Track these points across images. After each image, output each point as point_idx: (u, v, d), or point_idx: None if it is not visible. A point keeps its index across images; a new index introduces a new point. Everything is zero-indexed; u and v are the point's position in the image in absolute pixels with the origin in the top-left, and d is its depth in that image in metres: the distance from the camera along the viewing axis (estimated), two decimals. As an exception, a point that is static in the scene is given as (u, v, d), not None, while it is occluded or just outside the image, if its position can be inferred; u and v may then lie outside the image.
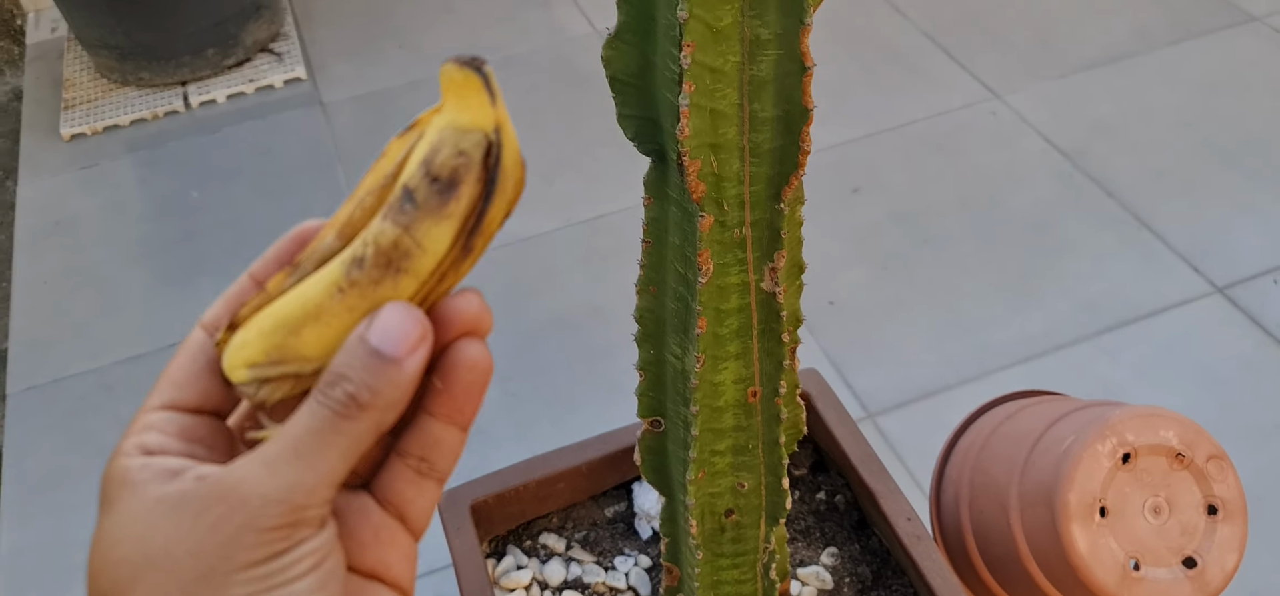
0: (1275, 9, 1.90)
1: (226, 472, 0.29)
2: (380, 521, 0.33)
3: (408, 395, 0.30)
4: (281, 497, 0.28)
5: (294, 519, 0.28)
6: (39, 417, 1.39)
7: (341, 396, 0.29)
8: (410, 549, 0.33)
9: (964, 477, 0.92)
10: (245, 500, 0.28)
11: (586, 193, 1.63)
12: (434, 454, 0.32)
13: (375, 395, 0.29)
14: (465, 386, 0.31)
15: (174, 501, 0.29)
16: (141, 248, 1.64)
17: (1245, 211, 1.52)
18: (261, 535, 0.28)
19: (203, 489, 0.28)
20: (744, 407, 0.66)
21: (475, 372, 0.32)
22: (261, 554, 0.28)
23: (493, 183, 0.30)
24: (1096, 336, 1.37)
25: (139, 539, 0.29)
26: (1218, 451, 0.82)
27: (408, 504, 0.33)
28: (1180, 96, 1.74)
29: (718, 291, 0.60)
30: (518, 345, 1.40)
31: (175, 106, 1.89)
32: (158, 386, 0.32)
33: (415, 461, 0.33)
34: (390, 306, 0.30)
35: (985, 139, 1.69)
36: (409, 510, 0.33)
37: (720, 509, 0.72)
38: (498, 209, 0.31)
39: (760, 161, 0.55)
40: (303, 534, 0.29)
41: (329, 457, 0.29)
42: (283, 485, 0.28)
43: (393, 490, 0.33)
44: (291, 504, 0.28)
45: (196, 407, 0.32)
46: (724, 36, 0.49)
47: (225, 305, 0.33)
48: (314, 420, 0.29)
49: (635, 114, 0.57)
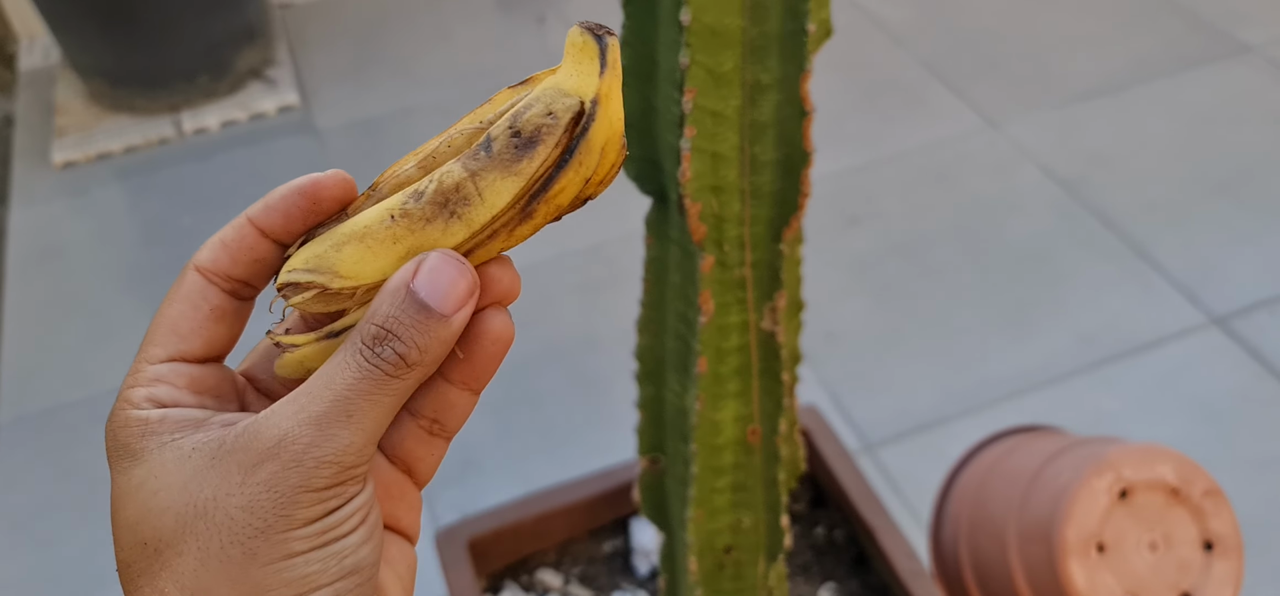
0: (1271, 39, 1.91)
1: (271, 426, 0.28)
2: (391, 477, 0.33)
3: (449, 351, 0.30)
4: (335, 458, 0.28)
5: (345, 477, 0.29)
6: (29, 447, 1.37)
7: (391, 356, 0.29)
8: (416, 500, 0.34)
9: (963, 514, 0.91)
10: (299, 460, 0.28)
11: (583, 220, 1.62)
12: (447, 416, 0.33)
13: (423, 353, 0.29)
14: (487, 357, 0.31)
15: (213, 452, 0.28)
16: (133, 275, 1.63)
17: (1242, 242, 1.52)
18: (317, 494, 0.28)
19: (248, 441, 0.28)
20: (744, 446, 0.66)
21: (499, 345, 0.31)
22: (317, 511, 0.28)
23: (571, 151, 0.29)
24: (1095, 368, 1.36)
25: (183, 487, 0.28)
26: (1213, 487, 0.82)
27: (417, 460, 0.33)
28: (1177, 127, 1.75)
29: (718, 331, 0.59)
30: (513, 375, 1.39)
31: (167, 133, 1.88)
32: (158, 336, 0.31)
33: (427, 422, 0.33)
34: (440, 254, 0.29)
35: (983, 169, 1.69)
36: (417, 466, 0.33)
37: (719, 546, 0.71)
38: (570, 180, 0.30)
39: (761, 203, 0.54)
40: (352, 491, 0.29)
41: (376, 416, 0.29)
42: (336, 447, 0.28)
43: (403, 447, 0.33)
44: (342, 464, 0.28)
45: (202, 357, 0.31)
46: (725, 81, 0.49)
47: (224, 250, 0.31)
48: (363, 378, 0.29)
49: (636, 155, 0.56)
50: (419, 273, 0.29)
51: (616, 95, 0.30)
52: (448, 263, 0.29)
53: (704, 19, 0.48)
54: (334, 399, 0.28)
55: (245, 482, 0.28)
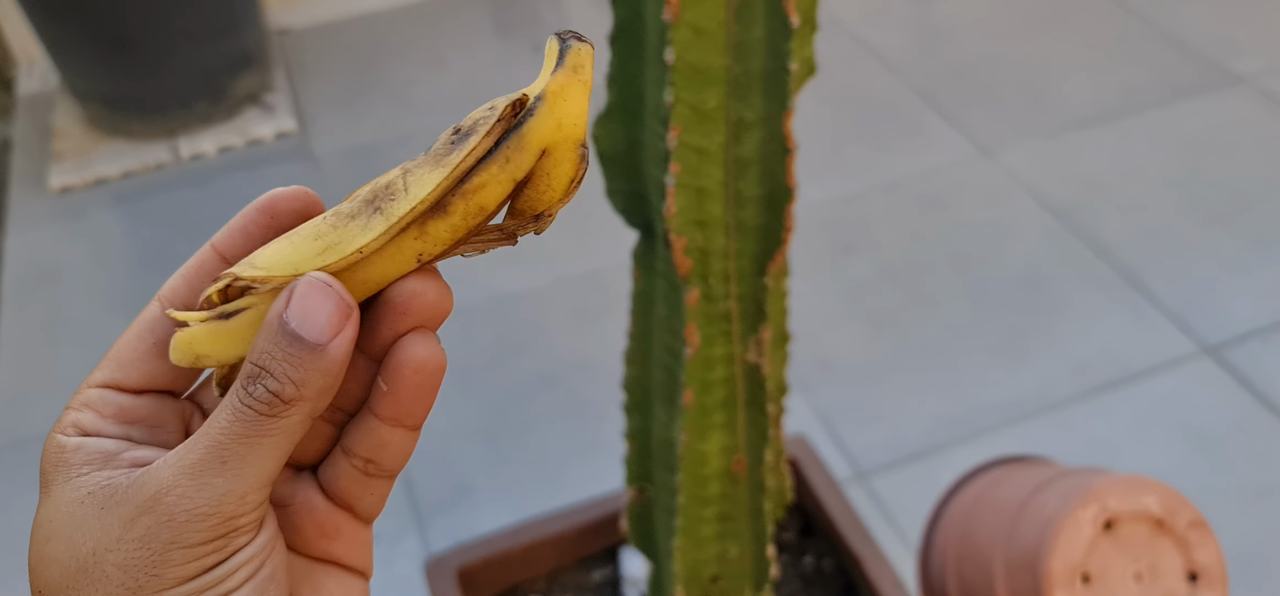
0: (1263, 70, 1.92)
1: (154, 475, 0.26)
2: (326, 516, 0.31)
3: (339, 379, 0.27)
4: (209, 510, 0.26)
5: (225, 529, 0.26)
6: (23, 473, 1.37)
7: (263, 395, 0.26)
8: (361, 536, 0.31)
9: (950, 544, 0.91)
10: (172, 515, 0.26)
11: (576, 248, 1.63)
12: (381, 456, 0.30)
13: (301, 387, 0.26)
14: (412, 389, 0.28)
15: (104, 499, 0.27)
16: (128, 300, 1.63)
17: (1234, 272, 1.53)
18: (191, 551, 0.26)
19: (133, 492, 0.26)
20: (729, 476, 0.66)
21: (423, 374, 0.28)
22: (192, 569, 0.26)
23: (500, 144, 0.27)
24: (1087, 396, 1.36)
25: (69, 539, 0.27)
26: (1198, 518, 0.82)
27: (355, 500, 0.31)
28: (1170, 156, 1.76)
29: (704, 363, 0.60)
30: (505, 402, 1.39)
31: (164, 158, 1.89)
32: (102, 363, 0.29)
33: (361, 462, 0.30)
34: (308, 279, 0.27)
35: (976, 197, 1.70)
36: (357, 505, 0.31)
37: (706, 575, 0.71)
38: (493, 175, 0.27)
39: (745, 238, 0.55)
40: (237, 542, 0.27)
41: (258, 460, 0.27)
42: (210, 498, 0.26)
43: (338, 486, 0.30)
44: (221, 516, 0.26)
45: (139, 388, 0.29)
46: (710, 118, 0.49)
47: (184, 279, 0.30)
48: (237, 422, 0.26)
49: (623, 189, 0.57)
50: (290, 301, 0.27)
51: (573, 98, 0.27)
52: (314, 286, 0.27)
53: (688, 58, 0.48)
54: (208, 445, 0.26)
55: (122, 538, 0.26)
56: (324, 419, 0.31)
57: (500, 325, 1.51)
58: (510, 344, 1.48)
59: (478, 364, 1.43)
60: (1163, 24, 2.06)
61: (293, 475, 0.31)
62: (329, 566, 0.31)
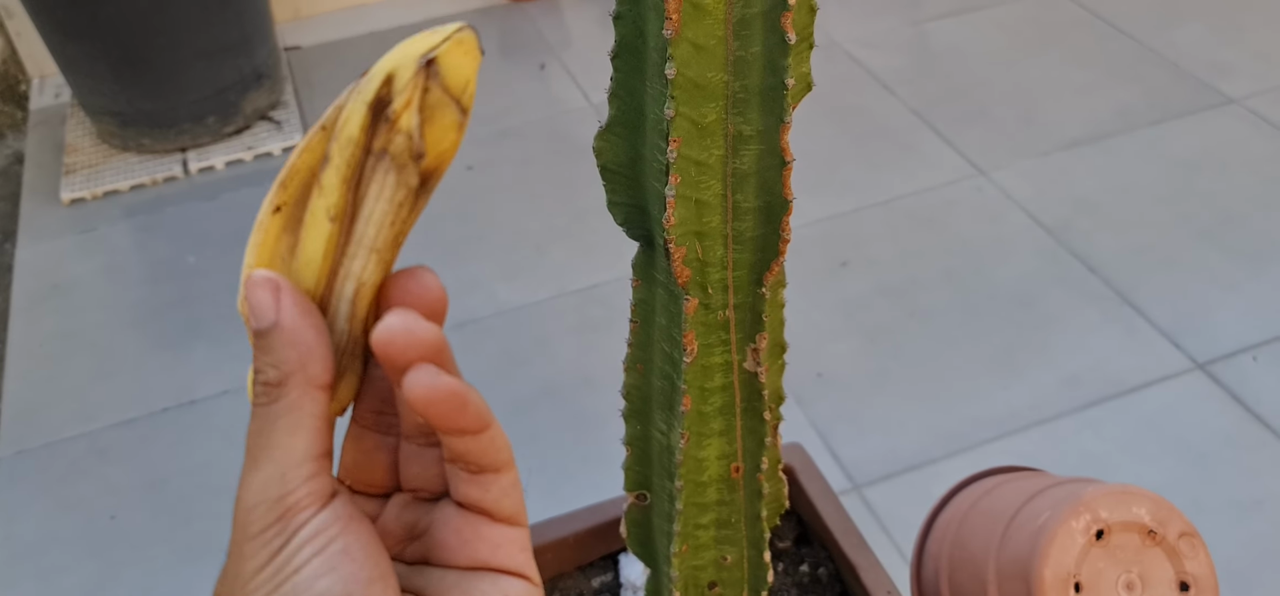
0: (1253, 91, 1.95)
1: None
2: (462, 523, 0.32)
3: (313, 348, 0.30)
4: (257, 500, 0.29)
5: (279, 510, 0.29)
6: (31, 482, 1.39)
7: (261, 389, 0.30)
8: (504, 537, 0.33)
9: (943, 553, 0.93)
10: (237, 520, 0.29)
11: (580, 262, 1.66)
12: (468, 457, 0.31)
13: (280, 366, 0.29)
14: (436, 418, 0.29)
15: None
16: (137, 312, 1.65)
17: (1225, 289, 1.55)
18: (256, 542, 0.29)
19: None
20: (727, 483, 0.68)
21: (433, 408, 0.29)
22: (263, 556, 0.29)
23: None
24: (1080, 411, 1.39)
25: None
26: (1189, 529, 0.83)
27: (478, 500, 0.32)
28: (1161, 175, 1.78)
29: (702, 371, 0.62)
30: (508, 413, 1.41)
31: (174, 172, 1.91)
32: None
33: (459, 466, 0.32)
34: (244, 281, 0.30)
35: (971, 214, 1.73)
36: (485, 503, 0.32)
37: (704, 581, 0.73)
38: (351, 104, 0.31)
39: (743, 248, 0.57)
40: (296, 520, 0.29)
41: (281, 442, 0.29)
42: (253, 488, 0.29)
43: (459, 492, 0.32)
44: (268, 500, 0.29)
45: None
46: (708, 132, 0.52)
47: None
48: (254, 422, 0.30)
49: (625, 201, 0.59)
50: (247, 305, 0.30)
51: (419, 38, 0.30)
52: (248, 283, 0.30)
53: (688, 73, 0.51)
54: (246, 453, 0.30)
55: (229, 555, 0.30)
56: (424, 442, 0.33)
57: (504, 338, 1.53)
58: (514, 356, 1.50)
59: (482, 376, 1.45)
60: (1155, 45, 2.09)
61: (430, 504, 0.34)
62: (482, 572, 0.32)
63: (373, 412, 0.34)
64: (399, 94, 0.30)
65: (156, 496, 1.35)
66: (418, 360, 0.29)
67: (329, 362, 0.30)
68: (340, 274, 0.31)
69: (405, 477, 0.34)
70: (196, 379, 1.51)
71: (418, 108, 0.30)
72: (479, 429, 0.30)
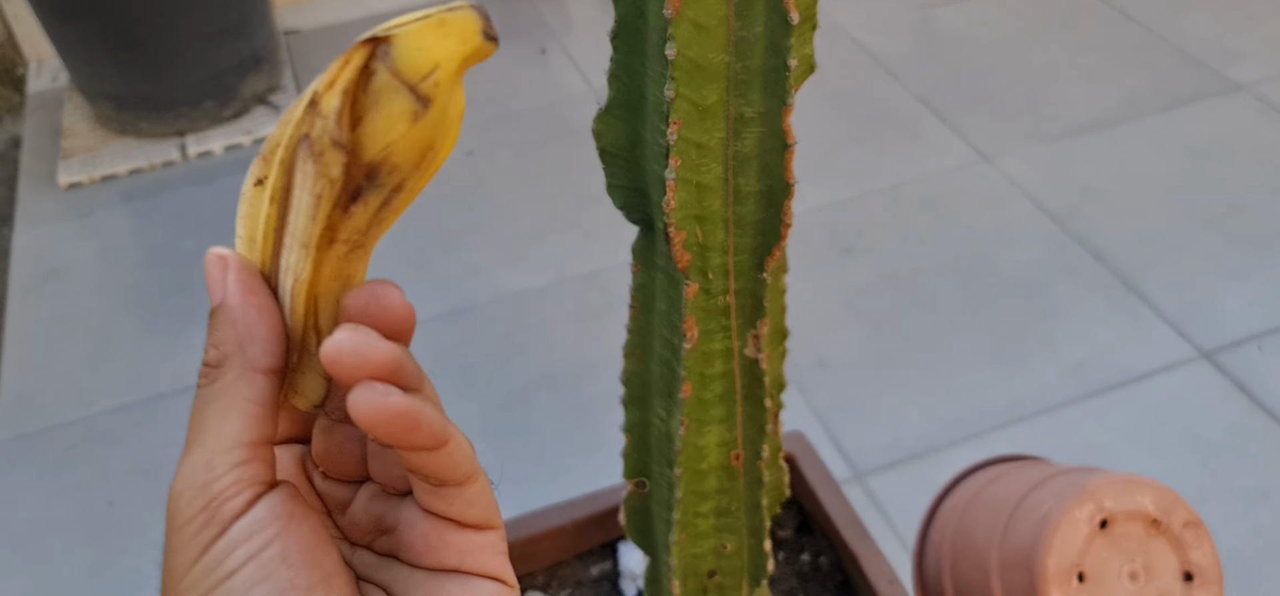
0: (1261, 78, 1.93)
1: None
2: (427, 527, 0.31)
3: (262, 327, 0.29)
4: (182, 487, 0.27)
5: (204, 499, 0.27)
6: (28, 467, 1.39)
7: (203, 371, 0.29)
8: (474, 543, 0.31)
9: (946, 542, 0.92)
10: (169, 507, 0.28)
11: (580, 249, 1.65)
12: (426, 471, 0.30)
13: (219, 345, 0.29)
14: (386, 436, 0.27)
15: None
16: (135, 296, 1.65)
17: (1231, 277, 1.54)
18: (182, 533, 0.27)
19: None
20: (727, 471, 0.67)
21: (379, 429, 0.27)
22: (192, 552, 0.27)
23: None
24: (1084, 399, 1.37)
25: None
26: (1194, 518, 0.82)
27: (443, 510, 0.31)
28: (1168, 163, 1.77)
29: (702, 357, 0.61)
30: (508, 401, 1.41)
31: (172, 157, 1.90)
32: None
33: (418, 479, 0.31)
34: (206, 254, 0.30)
35: (976, 201, 1.71)
36: (450, 513, 0.31)
37: (703, 570, 0.73)
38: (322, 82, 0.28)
39: (744, 233, 0.56)
40: (224, 511, 0.27)
41: (212, 427, 0.28)
42: (181, 475, 0.28)
43: (423, 500, 0.31)
44: (193, 487, 0.27)
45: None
46: (710, 114, 0.51)
47: None
48: (194, 405, 0.29)
49: (624, 185, 0.58)
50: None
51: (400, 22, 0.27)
52: (205, 261, 0.29)
53: (689, 54, 0.49)
54: (187, 439, 0.29)
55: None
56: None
57: (504, 325, 1.52)
58: (513, 343, 1.50)
59: (481, 363, 1.45)
60: (1162, 31, 2.07)
61: (397, 500, 0.32)
62: (452, 574, 0.31)
63: (340, 406, 0.32)
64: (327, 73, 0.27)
65: (154, 481, 1.34)
66: (366, 378, 0.27)
67: (271, 346, 0.29)
68: (281, 264, 0.30)
69: (372, 471, 0.33)
70: (194, 364, 1.50)
71: (343, 89, 0.27)
72: (434, 446, 0.28)
